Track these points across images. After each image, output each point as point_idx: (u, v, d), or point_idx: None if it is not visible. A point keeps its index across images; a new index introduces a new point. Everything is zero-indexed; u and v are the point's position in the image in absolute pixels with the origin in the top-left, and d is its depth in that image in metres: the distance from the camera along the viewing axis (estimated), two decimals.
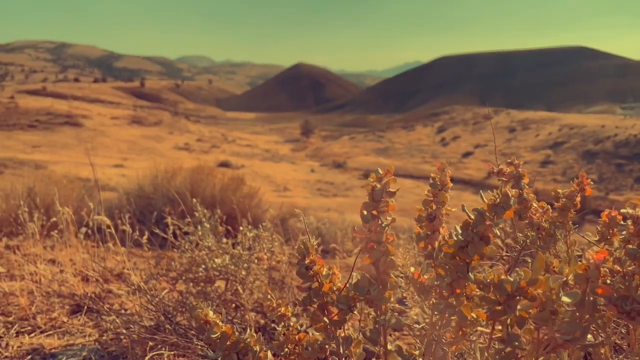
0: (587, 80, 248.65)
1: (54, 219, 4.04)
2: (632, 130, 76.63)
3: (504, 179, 0.93)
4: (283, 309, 0.83)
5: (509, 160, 0.92)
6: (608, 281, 0.68)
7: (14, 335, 2.15)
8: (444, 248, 0.65)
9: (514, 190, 0.63)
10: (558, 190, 0.96)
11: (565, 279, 0.68)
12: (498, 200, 0.63)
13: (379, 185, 0.65)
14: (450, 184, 0.76)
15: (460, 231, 0.64)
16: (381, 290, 0.64)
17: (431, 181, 0.75)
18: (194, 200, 2.37)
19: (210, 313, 0.72)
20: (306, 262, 0.83)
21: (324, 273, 0.82)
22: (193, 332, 1.83)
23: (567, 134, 79.74)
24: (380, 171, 0.66)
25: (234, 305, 2.03)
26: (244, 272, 2.03)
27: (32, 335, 2.18)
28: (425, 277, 0.66)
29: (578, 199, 0.94)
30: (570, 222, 0.93)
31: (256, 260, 2.09)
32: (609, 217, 0.89)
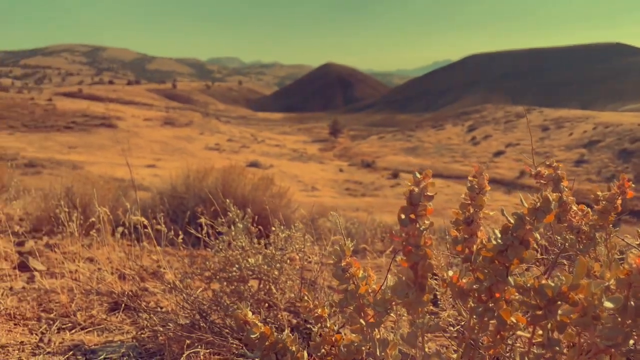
0: (624, 78, 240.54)
1: (92, 218, 4.17)
2: None
3: (542, 181, 0.91)
4: (320, 310, 0.84)
5: (548, 162, 0.91)
6: None
7: (56, 331, 2.23)
8: (482, 252, 0.65)
9: (555, 194, 0.62)
10: (598, 193, 0.94)
11: (607, 283, 0.67)
12: (539, 204, 0.62)
13: (417, 189, 0.66)
14: (488, 187, 0.76)
15: (499, 235, 0.64)
16: (419, 293, 0.65)
17: (469, 184, 0.75)
18: (227, 201, 2.40)
19: (249, 313, 0.73)
20: (342, 265, 0.84)
21: (360, 275, 0.83)
22: (227, 330, 1.86)
23: (602, 132, 77.35)
24: (418, 175, 0.67)
25: (267, 304, 2.06)
26: (276, 272, 2.05)
27: (73, 331, 2.25)
28: (464, 280, 0.66)
29: (619, 201, 0.92)
30: (611, 225, 0.91)
31: (288, 261, 2.11)
32: None
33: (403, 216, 0.66)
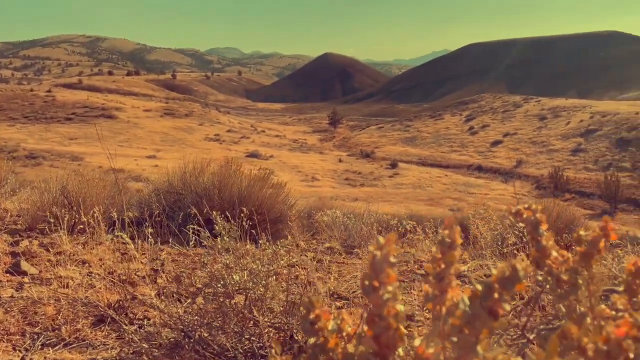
0: (621, 67, 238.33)
1: (85, 218, 4.14)
2: None
3: (521, 224, 0.88)
4: None
5: (526, 206, 0.87)
6: (631, 355, 0.63)
7: (39, 347, 2.19)
8: (451, 320, 0.61)
9: (524, 263, 0.58)
10: (581, 233, 0.90)
11: None
12: (507, 272, 0.59)
13: (379, 254, 0.62)
14: (460, 241, 0.72)
15: (467, 302, 0.61)
16: None
17: (440, 238, 0.71)
18: (214, 213, 2.37)
19: None
20: (311, 317, 0.80)
21: (330, 327, 0.80)
22: (211, 351, 1.83)
23: (600, 121, 76.90)
24: (381, 240, 0.63)
25: (252, 322, 2.03)
26: (262, 289, 2.02)
27: (57, 348, 2.21)
28: (431, 351, 0.62)
29: (602, 244, 0.88)
30: (593, 270, 0.88)
31: (274, 276, 2.08)
32: (636, 268, 0.82)
33: (366, 283, 0.62)
